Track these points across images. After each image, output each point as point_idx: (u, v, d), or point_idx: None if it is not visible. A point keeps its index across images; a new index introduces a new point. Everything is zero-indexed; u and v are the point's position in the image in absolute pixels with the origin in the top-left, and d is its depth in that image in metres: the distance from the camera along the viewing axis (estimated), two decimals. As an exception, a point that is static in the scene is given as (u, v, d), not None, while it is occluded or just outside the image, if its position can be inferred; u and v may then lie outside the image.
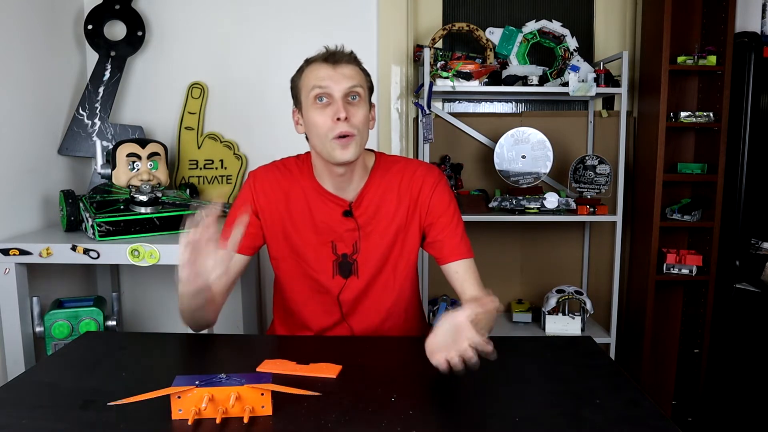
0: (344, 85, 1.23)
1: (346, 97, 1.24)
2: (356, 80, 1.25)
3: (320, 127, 1.23)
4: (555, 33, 2.16)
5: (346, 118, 1.21)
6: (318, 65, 1.25)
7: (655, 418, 0.89)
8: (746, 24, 2.21)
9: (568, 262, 2.46)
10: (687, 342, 2.36)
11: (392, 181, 1.35)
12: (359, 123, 1.24)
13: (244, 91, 2.23)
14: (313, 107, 1.24)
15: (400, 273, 1.37)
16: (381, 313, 1.38)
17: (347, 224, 1.33)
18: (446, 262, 1.34)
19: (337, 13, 2.21)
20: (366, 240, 1.34)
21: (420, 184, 1.34)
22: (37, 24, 1.91)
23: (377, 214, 1.34)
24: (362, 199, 1.33)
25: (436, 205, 1.34)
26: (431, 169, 1.38)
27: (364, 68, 1.30)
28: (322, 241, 1.34)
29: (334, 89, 1.23)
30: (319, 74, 1.24)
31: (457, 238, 1.34)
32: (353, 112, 1.23)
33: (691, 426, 2.31)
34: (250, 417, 0.87)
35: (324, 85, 1.23)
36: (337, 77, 1.23)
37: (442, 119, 2.34)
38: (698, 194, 2.29)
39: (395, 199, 1.34)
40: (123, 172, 1.83)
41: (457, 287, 1.33)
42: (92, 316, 1.68)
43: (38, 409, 0.93)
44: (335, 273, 1.35)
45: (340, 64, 1.24)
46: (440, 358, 0.97)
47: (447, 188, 1.37)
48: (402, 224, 1.35)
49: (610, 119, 2.37)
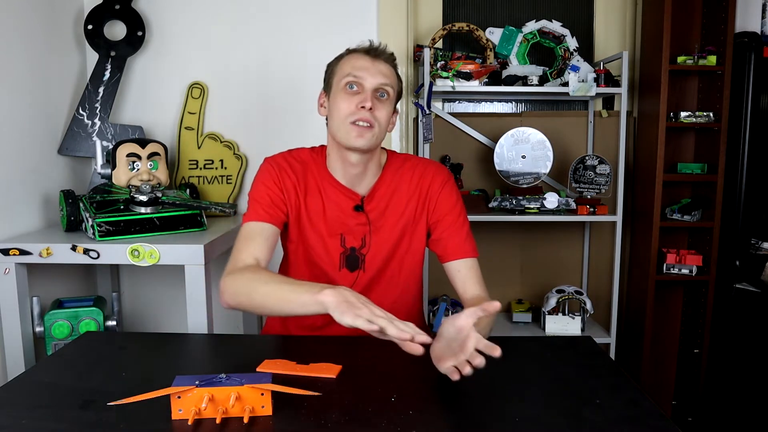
0: (378, 80, 1.26)
1: (376, 92, 1.26)
2: (390, 79, 1.28)
3: (342, 110, 1.26)
4: (555, 33, 2.16)
5: (371, 109, 1.24)
6: (358, 55, 1.28)
7: (655, 418, 0.89)
8: (746, 24, 2.22)
9: (568, 262, 2.46)
10: (687, 342, 2.36)
11: (404, 177, 1.37)
12: (381, 118, 1.27)
13: (244, 91, 2.23)
14: (342, 92, 1.27)
15: (405, 269, 1.38)
16: (384, 308, 1.38)
17: (358, 218, 1.34)
18: (448, 260, 1.34)
19: (337, 13, 2.20)
20: (375, 235, 1.35)
21: (429, 181, 1.36)
22: (37, 24, 1.91)
23: (387, 209, 1.35)
24: (374, 195, 1.35)
25: (443, 203, 1.36)
26: (441, 168, 1.41)
27: (398, 74, 1.34)
28: (332, 232, 1.35)
29: (367, 80, 1.26)
30: (356, 63, 1.27)
31: (461, 237, 1.34)
32: (379, 106, 1.26)
33: (691, 426, 2.31)
34: (250, 417, 0.87)
35: (358, 75, 1.26)
36: (373, 70, 1.26)
37: (442, 119, 2.34)
38: (698, 194, 2.29)
39: (405, 196, 1.36)
40: (123, 172, 1.83)
41: (459, 286, 1.33)
42: (92, 316, 1.68)
43: (38, 409, 0.93)
44: (342, 266, 1.36)
45: (379, 60, 1.28)
46: (449, 366, 0.97)
47: (455, 188, 1.39)
48: (410, 220, 1.36)
49: (610, 119, 2.37)
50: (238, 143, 2.22)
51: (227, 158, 2.21)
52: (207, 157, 2.21)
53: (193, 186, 2.09)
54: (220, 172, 2.21)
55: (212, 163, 2.21)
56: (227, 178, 2.21)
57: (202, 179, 2.20)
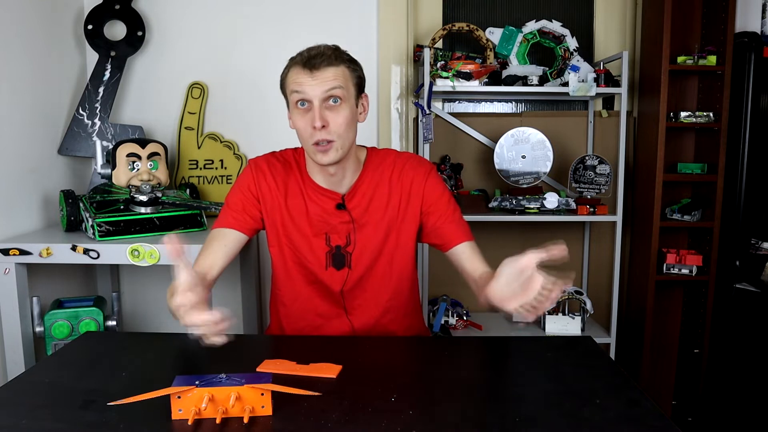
0: (322, 89, 1.21)
1: (325, 101, 1.22)
2: (337, 82, 1.22)
3: (301, 131, 1.26)
4: (555, 33, 2.16)
5: (323, 126, 1.21)
6: (297, 69, 1.24)
7: (655, 418, 0.89)
8: (746, 24, 2.21)
9: (568, 262, 2.45)
10: (687, 342, 2.36)
11: (384, 173, 1.36)
12: (338, 127, 1.23)
13: (244, 91, 2.23)
14: (295, 111, 1.26)
15: (396, 265, 1.38)
16: (380, 306, 1.39)
17: (341, 217, 1.35)
18: (451, 247, 1.34)
19: (337, 13, 2.21)
20: (360, 232, 1.35)
21: (411, 175, 1.36)
22: (37, 24, 1.91)
23: (370, 206, 1.35)
24: (355, 192, 1.35)
25: (430, 195, 1.36)
26: (421, 160, 1.41)
27: (350, 63, 1.27)
28: (316, 232, 1.35)
29: (311, 95, 1.21)
30: (297, 79, 1.23)
31: (456, 223, 1.35)
32: (332, 117, 1.22)
33: (691, 426, 2.31)
34: (250, 417, 0.87)
35: (301, 90, 1.22)
36: (314, 83, 1.21)
37: (442, 119, 2.34)
38: (698, 194, 2.29)
39: (388, 191, 1.36)
40: (123, 172, 1.83)
41: (467, 267, 1.32)
42: (92, 316, 1.68)
43: (38, 409, 0.93)
44: (328, 264, 1.36)
45: (318, 69, 1.21)
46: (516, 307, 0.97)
47: (438, 177, 1.39)
48: (395, 216, 1.36)
49: (610, 119, 2.37)
50: (238, 143, 2.22)
51: (227, 158, 2.21)
52: (207, 157, 2.21)
53: (193, 186, 2.09)
54: (220, 172, 2.21)
55: (212, 163, 2.21)
56: (227, 178, 2.21)
57: (202, 179, 2.20)
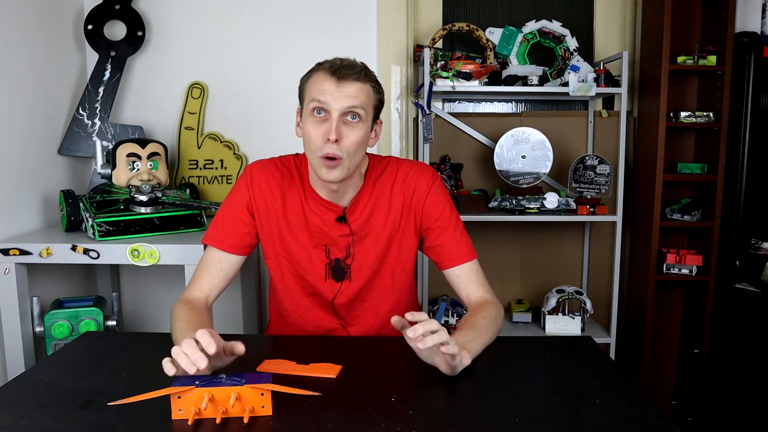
0: (344, 104, 1.18)
1: (344, 116, 1.19)
2: (359, 100, 1.19)
3: (312, 141, 1.20)
4: (555, 33, 2.16)
5: (336, 140, 1.17)
6: (324, 76, 1.19)
7: (655, 418, 0.89)
8: (746, 24, 2.21)
9: (568, 262, 2.46)
10: (687, 342, 2.36)
11: (385, 184, 1.32)
12: (350, 146, 1.19)
13: (244, 91, 2.23)
14: (310, 118, 1.20)
15: (398, 278, 1.36)
16: (380, 318, 1.37)
17: (341, 229, 1.32)
18: (447, 267, 1.32)
19: (337, 13, 2.20)
20: (359, 245, 1.32)
21: (413, 186, 1.32)
22: (37, 24, 1.91)
23: (371, 218, 1.32)
24: (356, 205, 1.31)
25: (431, 209, 1.31)
26: (425, 169, 1.35)
27: (376, 84, 1.25)
28: (316, 244, 1.32)
29: (332, 106, 1.18)
30: (321, 87, 1.19)
31: (456, 241, 1.31)
32: (347, 133, 1.19)
33: (691, 426, 2.31)
34: (250, 417, 0.87)
35: (323, 100, 1.18)
36: (339, 95, 1.17)
37: (442, 119, 2.34)
38: (698, 194, 2.29)
39: (387, 203, 1.32)
40: (123, 172, 1.83)
41: (461, 291, 1.31)
42: (92, 316, 1.68)
43: (38, 409, 0.93)
44: (327, 276, 1.34)
45: (346, 81, 1.18)
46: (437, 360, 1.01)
47: (442, 188, 1.34)
48: (396, 228, 1.33)
49: (610, 119, 2.37)
50: (238, 143, 2.22)
51: (227, 158, 2.21)
52: (207, 157, 2.21)
53: (193, 186, 2.09)
54: (220, 172, 2.21)
55: (212, 163, 2.21)
56: (227, 178, 2.21)
57: (202, 179, 2.20)
